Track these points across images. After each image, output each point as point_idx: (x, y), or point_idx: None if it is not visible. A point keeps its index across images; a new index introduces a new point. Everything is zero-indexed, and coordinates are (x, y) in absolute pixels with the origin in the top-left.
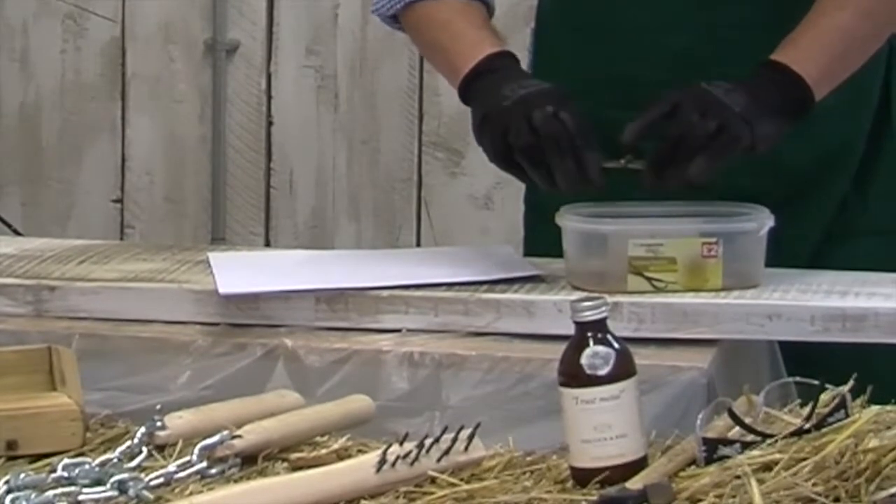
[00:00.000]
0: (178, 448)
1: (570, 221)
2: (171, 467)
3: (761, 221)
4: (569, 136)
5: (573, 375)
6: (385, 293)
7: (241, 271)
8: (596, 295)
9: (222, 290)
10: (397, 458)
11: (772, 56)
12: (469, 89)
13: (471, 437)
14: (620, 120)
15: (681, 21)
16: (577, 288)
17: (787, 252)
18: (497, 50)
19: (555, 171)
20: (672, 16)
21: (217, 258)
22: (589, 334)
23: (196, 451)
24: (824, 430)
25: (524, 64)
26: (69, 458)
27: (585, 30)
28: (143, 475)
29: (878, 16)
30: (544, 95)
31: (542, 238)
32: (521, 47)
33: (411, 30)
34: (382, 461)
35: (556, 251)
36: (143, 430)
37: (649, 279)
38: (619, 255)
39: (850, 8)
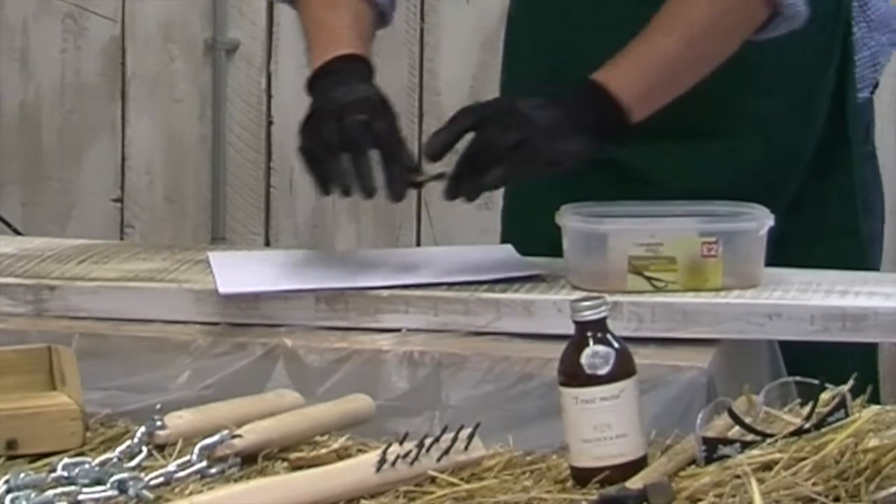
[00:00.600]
0: (178, 448)
1: (570, 221)
2: (171, 467)
3: (761, 221)
4: (375, 143)
5: (573, 375)
6: (385, 293)
7: (241, 271)
8: (596, 295)
9: (222, 289)
10: (397, 457)
11: (592, 75)
12: (310, 88)
13: (471, 437)
14: None
15: (645, 22)
16: (577, 288)
17: None
18: (346, 52)
19: (356, 176)
20: (636, 17)
21: (217, 258)
22: (589, 334)
23: (196, 450)
24: (824, 429)
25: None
26: (69, 457)
27: (549, 32)
28: (143, 475)
29: (704, 44)
30: (363, 103)
31: (518, 237)
32: None
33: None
34: (382, 461)
35: (535, 250)
36: (143, 429)
37: (649, 279)
38: (619, 254)
39: (675, 35)
